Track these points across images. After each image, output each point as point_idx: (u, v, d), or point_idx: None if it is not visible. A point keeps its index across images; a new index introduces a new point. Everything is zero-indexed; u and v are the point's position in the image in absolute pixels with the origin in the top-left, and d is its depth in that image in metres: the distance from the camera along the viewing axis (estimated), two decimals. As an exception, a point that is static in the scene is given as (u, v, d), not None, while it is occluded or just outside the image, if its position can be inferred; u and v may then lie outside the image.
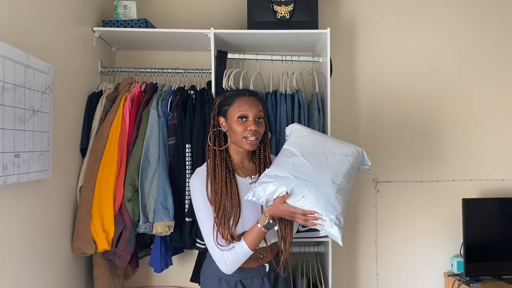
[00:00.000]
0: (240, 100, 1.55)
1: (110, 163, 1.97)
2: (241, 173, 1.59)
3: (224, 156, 1.58)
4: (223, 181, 1.52)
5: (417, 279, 2.59)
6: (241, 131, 1.52)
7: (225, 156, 1.59)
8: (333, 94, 2.40)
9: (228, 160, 1.59)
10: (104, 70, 2.27)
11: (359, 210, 2.59)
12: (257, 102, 1.57)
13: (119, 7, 2.21)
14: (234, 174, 1.57)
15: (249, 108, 1.53)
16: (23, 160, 1.43)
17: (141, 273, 2.38)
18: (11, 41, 1.39)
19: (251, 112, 1.53)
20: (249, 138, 1.52)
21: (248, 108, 1.53)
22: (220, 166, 1.54)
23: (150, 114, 2.04)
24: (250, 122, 1.52)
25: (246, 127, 1.52)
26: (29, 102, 1.47)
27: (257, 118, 1.54)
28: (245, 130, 1.52)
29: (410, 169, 2.59)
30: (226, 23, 2.49)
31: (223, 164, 1.55)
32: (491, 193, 2.60)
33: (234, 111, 1.54)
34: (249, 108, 1.53)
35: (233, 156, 1.61)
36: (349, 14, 2.60)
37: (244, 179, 1.58)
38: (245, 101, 1.55)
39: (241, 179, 1.58)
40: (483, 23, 2.61)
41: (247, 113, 1.53)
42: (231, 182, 1.54)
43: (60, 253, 1.82)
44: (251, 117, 1.53)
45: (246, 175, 1.60)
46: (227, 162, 1.58)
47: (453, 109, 2.60)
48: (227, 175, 1.54)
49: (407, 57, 2.60)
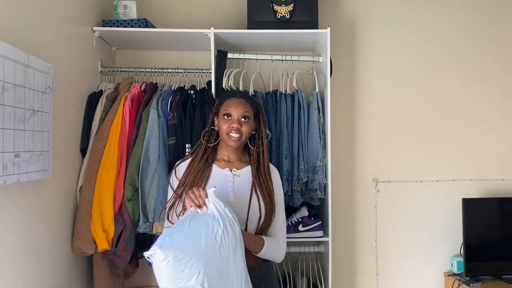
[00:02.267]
0: (229, 100, 1.69)
1: (110, 163, 1.97)
2: (222, 165, 1.69)
3: (209, 152, 1.71)
4: (197, 168, 1.65)
5: (417, 279, 2.59)
6: (225, 128, 1.65)
7: (211, 152, 1.71)
8: (333, 94, 2.40)
9: (211, 154, 1.71)
10: (104, 70, 2.27)
11: (359, 210, 2.59)
12: (245, 104, 1.68)
13: (119, 7, 2.21)
14: (212, 164, 1.68)
15: (235, 107, 1.65)
16: (23, 160, 1.43)
17: (141, 273, 2.37)
18: (11, 41, 1.38)
19: (236, 111, 1.65)
20: (231, 134, 1.63)
21: (233, 107, 1.65)
22: (201, 158, 1.68)
23: (150, 114, 2.04)
24: (233, 120, 1.64)
25: (230, 124, 1.63)
26: (29, 102, 1.47)
27: (241, 118, 1.65)
28: (228, 127, 1.64)
29: (410, 169, 2.59)
30: (226, 23, 2.49)
31: (204, 157, 1.68)
32: (491, 193, 2.60)
33: (222, 109, 1.68)
34: (234, 108, 1.65)
35: (221, 152, 1.72)
36: (349, 14, 2.60)
37: (223, 170, 1.67)
38: (233, 102, 1.68)
39: (218, 168, 1.68)
40: (484, 22, 2.62)
41: (232, 111, 1.65)
42: (204, 171, 1.65)
43: (60, 253, 1.82)
44: (235, 115, 1.64)
45: (227, 167, 1.68)
46: (209, 156, 1.70)
47: (453, 109, 2.60)
48: (204, 164, 1.67)
49: (407, 56, 2.60)
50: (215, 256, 1.32)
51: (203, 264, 1.28)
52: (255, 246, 1.58)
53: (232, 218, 1.40)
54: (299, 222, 2.22)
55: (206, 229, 1.34)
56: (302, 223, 2.21)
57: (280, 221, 1.70)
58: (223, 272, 1.33)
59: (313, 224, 2.21)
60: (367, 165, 2.59)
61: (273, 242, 1.64)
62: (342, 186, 2.56)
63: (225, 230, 1.36)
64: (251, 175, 1.68)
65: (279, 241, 1.66)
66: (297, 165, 2.14)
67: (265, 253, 1.61)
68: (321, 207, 2.30)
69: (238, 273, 1.37)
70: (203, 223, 1.36)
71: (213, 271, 1.30)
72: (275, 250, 1.64)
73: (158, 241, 1.31)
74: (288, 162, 2.14)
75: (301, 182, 2.15)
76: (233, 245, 1.37)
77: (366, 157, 2.59)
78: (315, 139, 2.15)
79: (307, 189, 2.18)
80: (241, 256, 1.40)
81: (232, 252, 1.36)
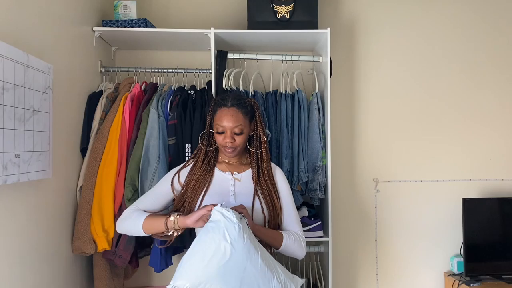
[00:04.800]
0: (220, 111, 1.65)
1: (110, 163, 1.97)
2: (223, 168, 1.71)
3: (210, 155, 1.73)
4: (199, 173, 1.68)
5: (417, 279, 2.59)
6: (220, 141, 1.66)
7: (212, 155, 1.73)
8: (333, 94, 2.40)
9: (213, 157, 1.73)
10: (104, 70, 2.27)
11: (359, 210, 2.59)
12: (236, 115, 1.63)
13: (119, 7, 2.21)
14: (214, 168, 1.71)
15: (227, 122, 1.62)
16: (23, 160, 1.43)
17: (141, 273, 2.38)
18: (11, 41, 1.38)
19: (228, 126, 1.62)
20: (226, 149, 1.64)
21: (225, 122, 1.62)
22: (202, 162, 1.70)
23: (150, 114, 2.04)
24: (226, 135, 1.63)
25: (223, 139, 1.63)
26: (29, 102, 1.47)
27: (234, 132, 1.63)
28: (222, 141, 1.64)
29: (410, 169, 2.59)
30: (226, 23, 2.49)
31: (205, 161, 1.71)
32: (491, 193, 2.60)
33: (215, 123, 1.67)
34: (226, 122, 1.62)
35: (222, 154, 1.73)
36: (349, 14, 2.60)
37: (224, 173, 1.69)
38: (224, 114, 1.63)
39: (220, 172, 1.70)
40: (484, 22, 2.62)
41: (224, 126, 1.63)
42: (206, 175, 1.68)
43: (60, 253, 1.82)
44: (227, 131, 1.63)
45: (228, 170, 1.70)
46: (210, 159, 1.72)
47: (453, 108, 2.60)
48: (206, 169, 1.69)
49: (407, 56, 2.60)
50: (230, 270, 1.36)
51: (220, 282, 1.34)
52: (274, 241, 1.60)
53: (237, 223, 1.39)
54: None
55: (215, 249, 1.37)
56: (302, 223, 2.20)
57: (294, 218, 1.71)
58: (244, 280, 1.37)
59: (313, 224, 2.21)
60: (367, 165, 2.59)
61: (292, 237, 1.64)
62: (342, 186, 2.56)
63: (233, 241, 1.37)
64: (251, 178, 1.69)
65: (298, 236, 1.67)
66: (297, 165, 2.14)
67: (285, 248, 1.62)
68: (321, 207, 2.30)
69: (261, 273, 1.40)
70: (211, 242, 1.38)
71: (234, 283, 1.35)
72: (295, 244, 1.64)
73: (175, 275, 1.40)
74: (288, 162, 2.14)
75: (301, 182, 2.15)
76: (246, 251, 1.38)
77: (366, 157, 2.59)
78: (315, 139, 2.15)
79: (307, 189, 2.18)
80: (258, 256, 1.40)
81: (246, 258, 1.38)
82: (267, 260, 1.44)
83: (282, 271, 1.47)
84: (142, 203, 1.70)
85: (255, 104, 1.72)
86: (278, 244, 1.61)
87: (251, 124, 1.70)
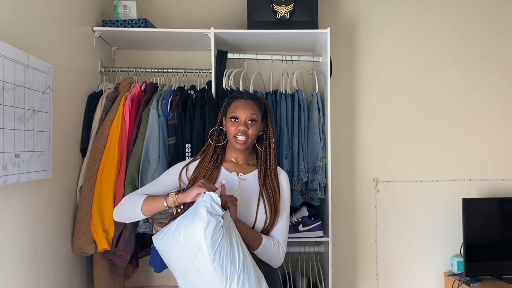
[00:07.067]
0: (236, 102, 1.70)
1: (110, 163, 1.97)
2: (229, 168, 1.70)
3: (218, 152, 1.72)
4: (206, 168, 1.67)
5: (417, 279, 2.59)
6: (232, 130, 1.66)
7: (220, 152, 1.73)
8: (333, 94, 2.40)
9: (220, 155, 1.73)
10: (104, 70, 2.27)
11: (359, 210, 2.59)
12: (252, 106, 1.67)
13: (119, 7, 2.21)
14: (221, 166, 1.70)
15: (242, 110, 1.66)
16: (23, 160, 1.43)
17: (141, 273, 2.38)
18: (11, 41, 1.39)
19: (243, 114, 1.65)
20: (238, 137, 1.64)
21: (240, 110, 1.66)
22: (210, 158, 1.69)
23: (150, 114, 2.04)
24: (240, 123, 1.65)
25: (237, 127, 1.64)
26: (29, 102, 1.47)
27: (248, 120, 1.65)
28: (235, 130, 1.65)
29: (410, 169, 2.59)
30: (226, 23, 2.49)
31: (213, 157, 1.70)
32: (491, 193, 2.60)
33: (229, 111, 1.69)
34: (241, 110, 1.66)
35: (229, 153, 1.74)
36: (349, 14, 2.60)
37: (230, 173, 1.68)
38: (240, 103, 1.68)
39: (226, 171, 1.69)
40: (484, 22, 2.62)
41: (239, 114, 1.65)
42: (213, 172, 1.67)
43: (60, 253, 1.82)
44: (242, 118, 1.65)
45: (234, 171, 1.69)
46: (218, 156, 1.72)
47: (453, 109, 2.60)
48: (213, 165, 1.69)
49: (407, 56, 2.60)
50: (182, 258, 1.43)
51: (177, 263, 1.47)
52: (252, 242, 1.56)
53: (221, 216, 1.39)
54: (299, 222, 2.22)
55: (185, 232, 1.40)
56: (302, 223, 2.21)
57: (283, 225, 1.67)
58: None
59: (313, 224, 2.21)
60: (367, 165, 2.59)
61: (272, 243, 1.61)
62: (342, 186, 2.56)
63: (203, 234, 1.36)
64: (257, 179, 1.69)
65: (278, 244, 1.63)
66: (297, 165, 2.14)
67: (261, 252, 1.58)
68: (321, 207, 2.30)
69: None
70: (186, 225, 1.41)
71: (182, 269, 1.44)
72: (273, 251, 1.60)
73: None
74: (288, 162, 2.14)
75: (301, 182, 2.15)
76: (210, 246, 1.36)
77: (366, 157, 2.59)
78: (315, 139, 2.15)
79: (307, 189, 2.18)
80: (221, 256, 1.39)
81: (207, 253, 1.36)
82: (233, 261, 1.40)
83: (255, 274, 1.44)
84: (143, 190, 1.70)
85: (267, 106, 1.76)
86: (255, 246, 1.57)
87: (262, 122, 1.72)
